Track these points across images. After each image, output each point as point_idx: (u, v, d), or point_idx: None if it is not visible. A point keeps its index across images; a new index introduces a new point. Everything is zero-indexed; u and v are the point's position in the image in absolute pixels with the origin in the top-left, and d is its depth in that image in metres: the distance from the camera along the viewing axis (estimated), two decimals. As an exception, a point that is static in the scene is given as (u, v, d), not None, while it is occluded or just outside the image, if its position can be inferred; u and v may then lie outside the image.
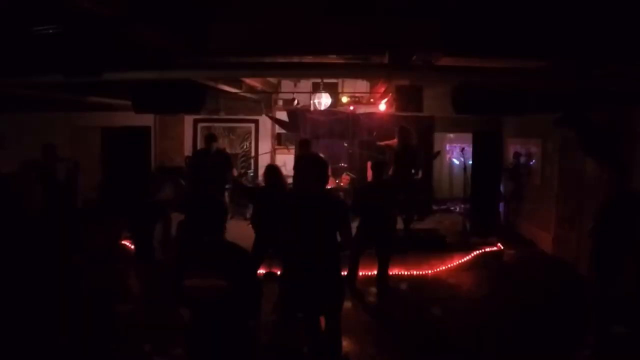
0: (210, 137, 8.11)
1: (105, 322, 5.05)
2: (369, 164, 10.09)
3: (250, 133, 10.70)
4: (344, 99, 9.88)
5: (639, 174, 5.34)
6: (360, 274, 6.09)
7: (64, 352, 4.39)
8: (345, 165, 9.75)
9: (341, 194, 8.96)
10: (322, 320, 3.95)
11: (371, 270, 6.28)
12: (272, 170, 5.89)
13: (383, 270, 5.88)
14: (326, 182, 3.93)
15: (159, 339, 4.50)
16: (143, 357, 4.39)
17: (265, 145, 10.53)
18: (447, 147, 11.38)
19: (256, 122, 10.62)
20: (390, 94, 7.89)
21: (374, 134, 9.82)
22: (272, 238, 4.96)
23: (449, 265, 7.03)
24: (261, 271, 6.04)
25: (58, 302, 5.12)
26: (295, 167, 4.27)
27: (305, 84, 10.09)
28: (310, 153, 6.52)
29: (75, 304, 5.23)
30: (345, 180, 8.99)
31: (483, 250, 7.33)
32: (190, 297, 2.92)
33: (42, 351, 4.32)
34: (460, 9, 3.81)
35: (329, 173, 4.13)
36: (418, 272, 6.86)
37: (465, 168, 8.08)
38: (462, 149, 8.57)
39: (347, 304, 5.74)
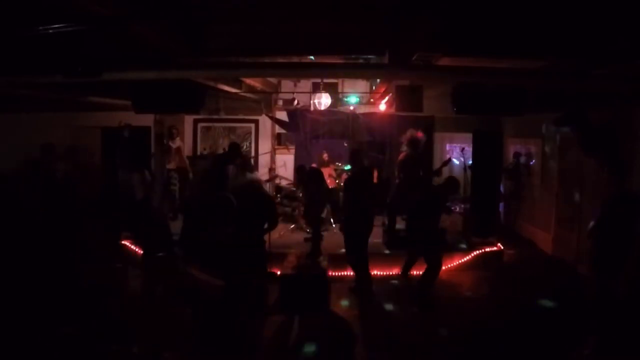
0: (236, 148, 7.70)
1: (105, 321, 5.05)
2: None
3: (250, 133, 10.69)
4: (354, 100, 9.77)
5: (639, 174, 5.35)
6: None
7: (64, 350, 4.39)
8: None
9: (341, 194, 8.96)
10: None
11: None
12: None
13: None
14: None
15: (159, 338, 4.49)
16: (143, 357, 4.39)
17: (265, 145, 10.52)
18: (447, 147, 11.38)
19: (256, 122, 10.62)
20: (390, 94, 7.88)
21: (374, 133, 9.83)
22: None
23: (449, 265, 7.02)
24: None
25: (57, 301, 5.13)
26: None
27: (305, 84, 10.09)
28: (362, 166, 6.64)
29: (74, 303, 5.23)
30: (345, 180, 8.99)
31: (483, 250, 7.32)
32: (195, 291, 2.93)
33: (42, 350, 4.32)
34: (460, 9, 3.81)
35: None
36: (418, 272, 6.85)
37: (465, 168, 8.07)
38: (462, 149, 8.56)
39: (345, 307, 5.77)
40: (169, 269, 5.14)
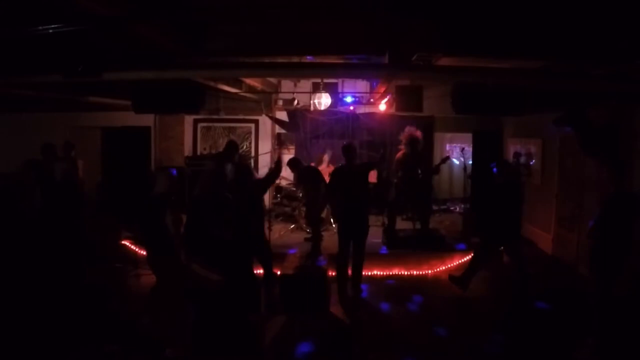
0: (234, 146, 7.41)
1: (105, 322, 5.05)
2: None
3: (250, 133, 10.69)
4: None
5: (639, 174, 5.35)
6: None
7: (64, 351, 4.39)
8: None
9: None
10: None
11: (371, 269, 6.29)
12: None
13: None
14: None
15: (160, 338, 4.49)
16: (143, 357, 4.39)
17: (265, 145, 10.52)
18: (447, 147, 11.38)
19: (256, 122, 10.61)
20: (390, 94, 7.88)
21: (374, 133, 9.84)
22: None
23: (449, 265, 7.03)
24: (260, 271, 6.04)
25: (57, 302, 5.12)
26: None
27: (305, 84, 10.08)
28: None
29: (75, 302, 5.23)
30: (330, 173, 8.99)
31: (483, 250, 7.32)
32: (195, 287, 2.93)
33: (41, 350, 4.32)
34: (460, 9, 3.81)
35: None
36: (418, 272, 6.86)
37: (465, 168, 8.08)
38: (462, 149, 8.57)
39: (345, 307, 5.76)
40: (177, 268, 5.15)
